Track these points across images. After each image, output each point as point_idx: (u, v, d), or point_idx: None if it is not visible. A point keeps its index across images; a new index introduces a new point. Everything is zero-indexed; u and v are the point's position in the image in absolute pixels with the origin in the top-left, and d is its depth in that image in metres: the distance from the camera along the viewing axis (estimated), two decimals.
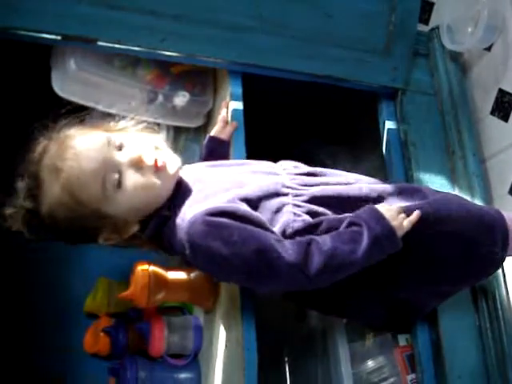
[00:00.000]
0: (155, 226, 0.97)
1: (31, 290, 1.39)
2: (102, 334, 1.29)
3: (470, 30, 1.42)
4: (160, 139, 1.02)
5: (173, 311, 1.30)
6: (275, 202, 0.97)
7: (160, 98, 1.24)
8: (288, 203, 0.97)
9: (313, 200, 0.99)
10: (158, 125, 1.26)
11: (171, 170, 0.96)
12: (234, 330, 1.07)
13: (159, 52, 1.16)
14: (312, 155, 1.63)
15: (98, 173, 0.91)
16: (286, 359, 1.34)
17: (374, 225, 0.92)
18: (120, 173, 0.93)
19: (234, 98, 1.21)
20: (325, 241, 0.91)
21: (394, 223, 0.93)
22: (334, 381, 1.18)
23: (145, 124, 1.05)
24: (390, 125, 1.34)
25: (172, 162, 0.97)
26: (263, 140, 1.38)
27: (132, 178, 0.93)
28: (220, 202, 0.91)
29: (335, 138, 1.67)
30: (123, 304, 1.30)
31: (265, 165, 1.07)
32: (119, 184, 0.92)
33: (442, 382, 1.11)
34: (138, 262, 1.15)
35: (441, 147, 1.33)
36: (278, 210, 0.97)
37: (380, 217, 0.93)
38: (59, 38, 1.10)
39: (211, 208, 0.90)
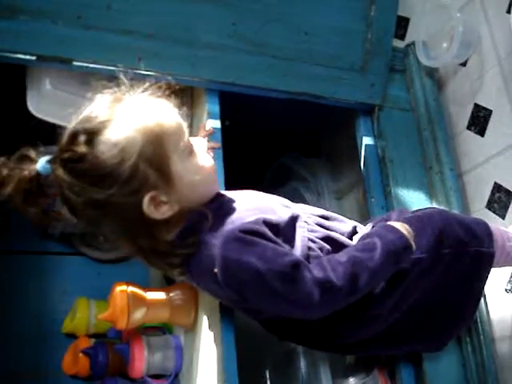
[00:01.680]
0: (183, 235, 0.92)
1: (6, 305, 1.37)
2: (81, 355, 1.28)
3: (445, 45, 1.44)
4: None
5: (153, 331, 1.29)
6: (292, 233, 0.98)
7: None
8: (304, 236, 0.98)
9: (324, 239, 1.00)
10: None
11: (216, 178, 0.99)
12: (214, 350, 1.06)
13: (136, 71, 1.15)
14: (291, 169, 1.64)
15: (185, 132, 0.92)
16: (268, 376, 1.33)
17: (385, 233, 0.96)
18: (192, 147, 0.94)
19: (211, 116, 1.20)
20: (340, 255, 0.94)
21: (404, 231, 0.96)
22: None
23: None
24: (367, 141, 1.35)
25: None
26: (241, 155, 1.38)
27: (205, 156, 0.96)
28: (249, 221, 0.91)
29: (314, 153, 1.68)
30: (103, 324, 1.29)
31: (283, 200, 1.07)
32: (192, 152, 0.93)
33: None
34: (116, 282, 1.14)
35: (418, 163, 1.35)
36: (295, 237, 0.97)
37: (390, 227, 0.98)
38: (34, 58, 1.09)
39: (243, 226, 0.90)
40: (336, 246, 1.01)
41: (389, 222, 1.01)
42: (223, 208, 0.96)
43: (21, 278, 1.41)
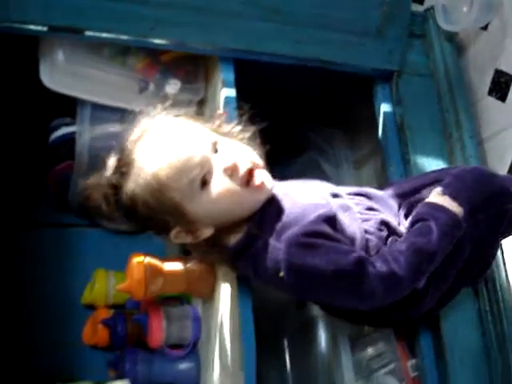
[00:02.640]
0: (243, 241, 0.97)
1: (26, 280, 1.38)
2: (100, 325, 1.29)
3: (465, 9, 1.40)
4: (258, 156, 1.01)
5: (171, 301, 1.29)
6: (351, 231, 0.99)
7: (151, 86, 1.22)
8: (360, 228, 1.00)
9: (378, 226, 1.02)
10: None
11: (266, 191, 0.97)
12: (231, 319, 1.06)
13: (148, 40, 1.14)
14: (308, 139, 1.62)
15: (194, 169, 0.91)
16: (286, 345, 1.33)
17: (437, 213, 0.97)
18: (209, 174, 0.93)
19: (226, 84, 1.18)
20: (399, 243, 0.96)
21: (452, 208, 0.98)
22: (334, 368, 1.17)
23: (247, 135, 1.04)
24: (385, 108, 1.32)
25: (268, 183, 0.97)
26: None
27: (221, 182, 0.93)
28: (308, 222, 0.93)
29: (331, 122, 1.65)
30: (121, 295, 1.30)
31: (330, 187, 1.08)
32: (205, 184, 0.93)
33: (443, 368, 1.11)
34: (133, 253, 1.14)
35: (438, 130, 1.32)
36: (356, 231, 0.99)
37: (439, 206, 0.98)
38: (46, 29, 1.08)
39: (304, 229, 0.92)
40: (390, 229, 1.02)
41: (431, 199, 1.01)
42: (280, 210, 0.97)
43: (39, 250, 1.42)
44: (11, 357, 1.29)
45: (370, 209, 1.05)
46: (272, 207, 0.98)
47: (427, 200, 1.02)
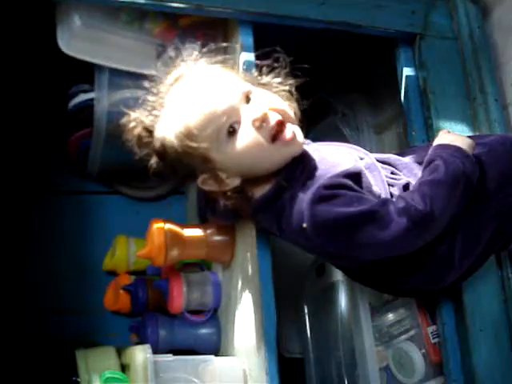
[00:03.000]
0: (272, 194, 0.97)
1: (47, 247, 1.40)
2: (121, 291, 1.31)
3: None
4: (293, 108, 1.01)
5: (191, 268, 1.30)
6: (376, 191, 0.98)
7: (170, 51, 1.20)
8: (387, 192, 1.00)
9: (401, 190, 1.00)
10: None
11: (297, 145, 0.96)
12: (251, 286, 1.07)
13: (166, 4, 1.12)
14: (329, 104, 1.60)
15: (220, 116, 0.92)
16: (306, 312, 1.34)
17: (441, 150, 0.98)
18: (238, 123, 0.93)
19: (245, 48, 1.17)
20: (412, 186, 0.97)
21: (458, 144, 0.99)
22: (354, 334, 1.18)
23: (288, 88, 1.05)
24: (408, 72, 1.30)
25: (299, 137, 0.96)
26: None
27: (247, 133, 0.93)
28: (333, 176, 0.93)
29: (352, 86, 1.63)
30: (142, 261, 1.31)
31: (362, 150, 1.08)
32: (233, 134, 0.93)
33: (464, 335, 1.11)
34: (153, 220, 1.14)
35: (461, 94, 1.29)
36: (378, 193, 0.99)
37: (444, 145, 0.99)
38: None
39: (327, 181, 0.92)
40: None
41: (438, 141, 1.02)
42: (309, 164, 0.97)
43: (61, 217, 1.43)
44: (34, 323, 1.31)
45: (394, 174, 1.05)
46: (302, 162, 0.98)
47: (435, 142, 1.03)
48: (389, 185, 1.02)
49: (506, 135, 1.18)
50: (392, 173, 1.05)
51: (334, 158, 1.00)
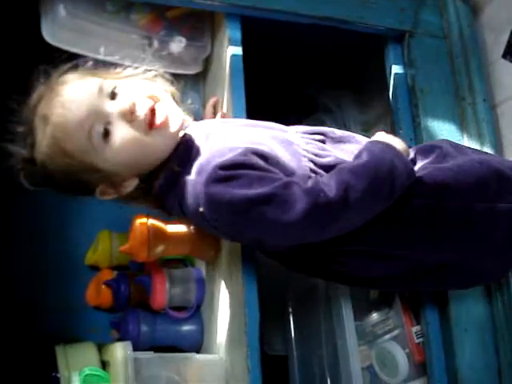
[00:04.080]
0: (166, 181, 0.93)
1: (29, 240, 1.37)
2: (103, 286, 1.29)
3: None
4: (168, 89, 0.97)
5: (174, 264, 1.29)
6: (293, 162, 0.92)
7: (155, 43, 1.19)
8: (306, 166, 0.93)
9: (328, 167, 0.93)
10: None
11: (173, 126, 0.91)
12: (235, 283, 1.06)
13: None
14: (316, 100, 1.59)
15: (84, 122, 0.87)
16: (290, 311, 1.33)
17: (373, 147, 0.92)
18: (109, 124, 0.88)
19: (232, 42, 1.16)
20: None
21: (392, 141, 0.93)
22: (338, 333, 1.17)
23: (156, 72, 0.99)
24: (396, 69, 1.29)
25: (174, 118, 0.91)
26: (264, 86, 1.34)
27: (121, 131, 0.88)
28: (233, 155, 0.87)
29: (340, 83, 1.62)
30: (125, 256, 1.29)
31: (277, 127, 1.01)
32: (106, 136, 0.88)
33: (448, 335, 1.10)
34: (137, 215, 1.13)
35: (450, 93, 1.28)
36: (297, 171, 0.91)
37: (377, 141, 0.93)
38: None
39: (225, 161, 0.86)
40: None
41: (376, 136, 0.96)
42: (202, 145, 0.92)
43: (43, 211, 1.41)
44: (13, 317, 1.29)
45: (323, 150, 0.97)
46: (193, 143, 0.93)
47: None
48: (311, 161, 0.94)
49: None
50: (322, 149, 0.97)
51: (232, 136, 0.93)
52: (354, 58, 1.53)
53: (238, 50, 1.15)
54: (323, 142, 1.00)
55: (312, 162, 0.94)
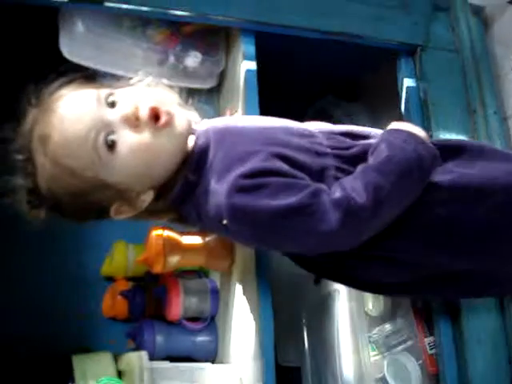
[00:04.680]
0: (182, 190, 0.88)
1: (46, 252, 1.39)
2: (119, 297, 1.30)
3: None
4: (167, 93, 0.91)
5: (189, 274, 1.30)
6: (315, 164, 0.87)
7: (171, 58, 1.21)
8: (330, 165, 0.88)
9: (354, 160, 0.89)
10: (170, 87, 1.24)
11: (179, 125, 0.85)
12: (249, 294, 1.07)
13: (169, 12, 1.13)
14: (328, 113, 1.60)
15: (87, 135, 0.81)
16: (304, 321, 1.34)
17: (390, 135, 0.88)
18: (113, 133, 0.82)
19: (246, 57, 1.17)
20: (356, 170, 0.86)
21: (413, 130, 0.88)
22: (351, 344, 1.17)
23: (151, 80, 0.94)
24: (409, 83, 1.30)
25: (180, 115, 0.86)
26: (278, 99, 1.35)
27: (127, 139, 0.82)
28: (255, 161, 0.82)
29: (352, 96, 1.64)
30: (140, 267, 1.31)
31: (296, 124, 0.96)
32: (112, 147, 0.82)
33: (460, 346, 1.10)
34: (152, 226, 1.14)
35: (461, 106, 1.29)
36: (320, 174, 0.87)
37: (396, 130, 0.89)
38: None
39: (248, 169, 0.81)
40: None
41: (396, 124, 0.92)
42: (217, 149, 0.86)
43: (59, 222, 1.43)
44: (30, 327, 1.30)
45: (345, 142, 0.93)
46: (207, 149, 0.87)
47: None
48: (336, 156, 0.90)
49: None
50: (344, 142, 0.93)
51: (249, 137, 0.88)
52: (366, 70, 1.54)
53: (252, 65, 1.16)
54: (345, 136, 0.95)
55: (337, 157, 0.90)
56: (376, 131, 0.99)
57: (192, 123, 0.90)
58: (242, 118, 1.04)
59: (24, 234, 1.29)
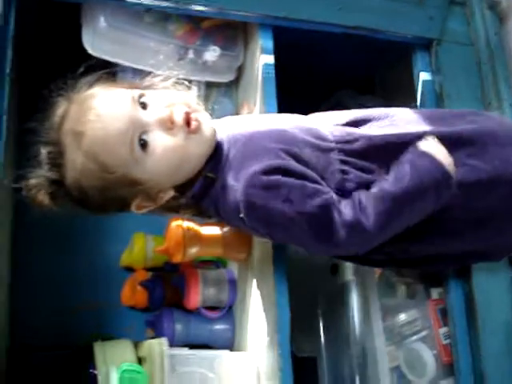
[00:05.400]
0: (201, 187, 0.92)
1: (67, 243, 1.41)
2: (139, 287, 1.33)
3: None
4: (192, 96, 0.96)
5: (207, 265, 1.32)
6: (321, 159, 0.91)
7: (191, 53, 1.23)
8: (335, 159, 0.92)
9: (360, 153, 0.93)
10: (190, 81, 1.26)
11: (206, 131, 0.90)
12: (266, 284, 1.08)
13: (189, 7, 1.15)
14: (345, 106, 1.61)
15: (125, 133, 0.85)
16: (320, 312, 1.35)
17: (419, 160, 0.89)
18: (146, 134, 0.86)
19: (264, 51, 1.19)
20: (372, 189, 0.89)
21: (440, 157, 0.89)
22: (366, 334, 1.19)
23: (174, 80, 0.98)
24: (424, 76, 1.31)
25: (207, 122, 0.90)
26: (295, 93, 1.37)
27: (161, 140, 0.86)
28: (270, 158, 0.87)
29: (369, 89, 1.65)
30: (159, 258, 1.33)
31: (304, 119, 1.00)
32: (146, 146, 0.86)
33: (475, 337, 1.12)
34: (172, 217, 1.17)
35: (477, 99, 1.30)
36: (326, 168, 0.91)
37: (424, 153, 0.90)
38: None
39: (264, 166, 0.85)
40: (379, 150, 0.93)
41: (421, 144, 0.91)
42: (234, 147, 0.91)
43: (79, 215, 1.45)
44: (51, 317, 1.33)
45: (353, 134, 0.95)
46: (222, 146, 0.92)
47: (417, 144, 0.92)
48: (341, 150, 0.93)
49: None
50: (351, 134, 0.95)
51: (262, 135, 0.92)
52: (383, 64, 1.55)
53: (270, 59, 1.18)
54: (357, 125, 0.98)
55: (342, 151, 0.93)
56: (379, 112, 1.01)
57: (216, 129, 0.94)
58: (254, 116, 1.07)
59: (45, 226, 1.36)
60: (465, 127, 0.99)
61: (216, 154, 0.92)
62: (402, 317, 1.20)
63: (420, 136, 0.94)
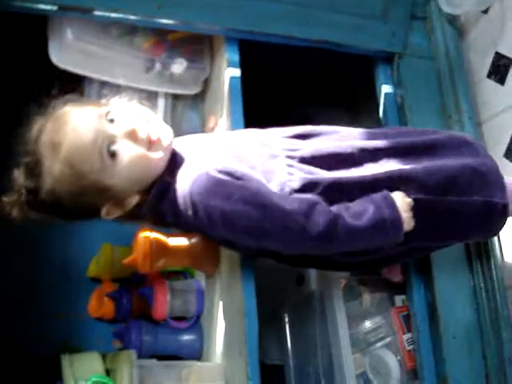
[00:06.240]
0: (158, 191, 0.98)
1: (33, 254, 1.40)
2: (106, 298, 1.32)
3: None
4: (150, 111, 1.02)
5: (175, 275, 1.33)
6: (268, 165, 0.98)
7: (157, 66, 1.24)
8: (281, 164, 0.98)
9: (305, 160, 0.99)
10: (156, 93, 1.27)
11: (165, 141, 0.97)
12: (234, 294, 1.10)
13: (155, 20, 1.16)
14: (310, 118, 1.63)
15: (94, 143, 0.92)
16: (286, 321, 1.37)
17: (384, 207, 0.94)
18: (115, 144, 0.94)
19: (230, 64, 1.21)
20: (333, 207, 0.93)
21: (405, 214, 0.94)
22: (332, 341, 1.21)
23: (135, 99, 1.05)
24: (386, 89, 1.35)
25: (165, 133, 0.98)
26: (261, 105, 1.39)
27: (127, 149, 0.94)
28: (219, 162, 0.95)
29: (333, 102, 1.67)
30: (126, 269, 1.32)
31: (254, 134, 1.06)
32: (114, 155, 0.93)
33: (438, 342, 1.15)
34: (139, 229, 1.17)
35: (437, 111, 1.34)
36: (272, 171, 0.97)
37: (392, 203, 0.94)
38: (55, 8, 1.09)
39: (212, 166, 0.93)
40: (323, 159, 1.00)
41: (393, 194, 0.97)
42: (185, 160, 0.98)
43: (47, 225, 1.44)
44: (17, 328, 1.32)
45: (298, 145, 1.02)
46: (183, 154, 1.00)
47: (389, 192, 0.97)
48: (288, 157, 1.00)
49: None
50: (297, 144, 1.02)
51: (214, 150, 1.00)
52: (345, 77, 1.58)
53: (237, 72, 1.20)
54: (297, 138, 1.04)
55: (289, 157, 0.99)
56: (327, 128, 1.09)
57: (172, 138, 1.01)
58: (211, 135, 1.14)
59: (12, 235, 1.34)
60: (401, 140, 1.06)
61: (173, 160, 0.99)
62: (367, 324, 1.22)
63: (363, 150, 1.02)
